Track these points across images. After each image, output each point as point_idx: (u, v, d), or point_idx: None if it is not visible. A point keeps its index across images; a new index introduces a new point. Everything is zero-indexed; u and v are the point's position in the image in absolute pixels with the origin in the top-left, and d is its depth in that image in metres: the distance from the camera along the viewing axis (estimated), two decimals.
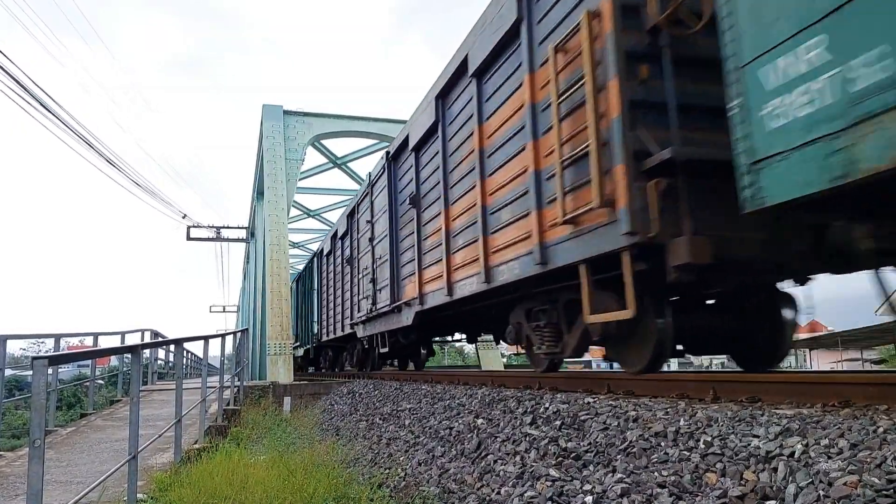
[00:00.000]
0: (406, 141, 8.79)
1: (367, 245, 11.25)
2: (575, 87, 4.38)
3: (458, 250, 6.91)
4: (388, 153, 9.94)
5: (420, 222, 8.30)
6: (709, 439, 2.79)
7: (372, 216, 11.02)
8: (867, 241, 3.17)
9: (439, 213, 7.41)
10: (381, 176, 10.44)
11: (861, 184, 2.37)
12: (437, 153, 7.56)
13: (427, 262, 8.08)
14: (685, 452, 2.82)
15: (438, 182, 7.45)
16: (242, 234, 30.60)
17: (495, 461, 4.12)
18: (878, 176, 2.29)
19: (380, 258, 10.36)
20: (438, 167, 7.45)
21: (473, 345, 16.53)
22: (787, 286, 4.75)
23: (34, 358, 2.87)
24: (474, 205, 6.29)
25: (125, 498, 4.33)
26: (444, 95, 7.35)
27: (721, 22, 3.07)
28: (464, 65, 6.54)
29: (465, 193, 6.67)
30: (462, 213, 6.78)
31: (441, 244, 7.30)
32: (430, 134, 7.86)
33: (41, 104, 11.99)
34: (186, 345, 9.07)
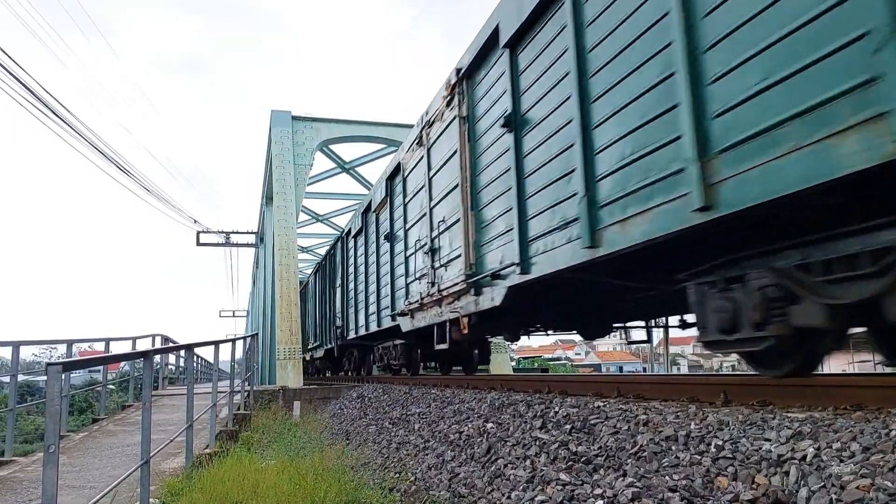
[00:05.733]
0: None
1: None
2: None
3: None
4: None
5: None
6: (720, 443, 2.78)
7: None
8: None
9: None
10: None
11: None
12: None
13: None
14: (696, 456, 2.81)
15: None
16: (251, 238, 30.83)
17: (505, 465, 4.11)
18: None
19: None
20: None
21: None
22: None
23: (48, 364, 2.89)
24: None
25: (137, 502, 4.36)
26: None
27: None
28: None
29: None
30: None
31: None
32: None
33: (51, 110, 12.13)
34: (197, 350, 9.12)
